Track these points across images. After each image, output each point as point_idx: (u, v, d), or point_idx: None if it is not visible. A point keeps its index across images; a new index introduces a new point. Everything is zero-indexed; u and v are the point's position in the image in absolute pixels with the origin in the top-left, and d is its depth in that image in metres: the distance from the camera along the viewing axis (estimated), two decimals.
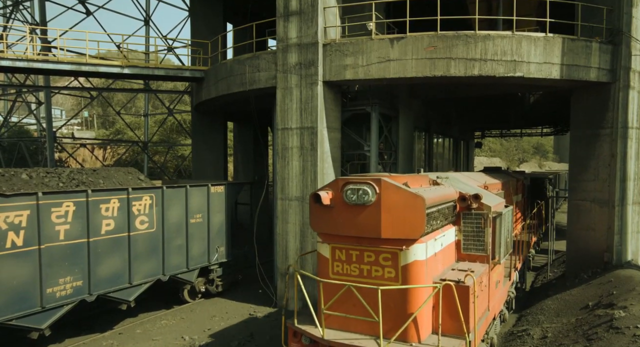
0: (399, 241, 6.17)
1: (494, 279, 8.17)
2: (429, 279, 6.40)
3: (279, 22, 12.96)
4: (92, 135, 42.75)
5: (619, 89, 12.71)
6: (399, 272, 6.22)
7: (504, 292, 9.74)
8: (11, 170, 10.14)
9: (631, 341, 7.88)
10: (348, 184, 6.34)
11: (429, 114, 22.37)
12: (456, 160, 30.97)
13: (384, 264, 6.31)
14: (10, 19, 27.15)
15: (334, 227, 6.56)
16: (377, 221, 6.19)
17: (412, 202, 6.04)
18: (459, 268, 7.08)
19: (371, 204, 6.20)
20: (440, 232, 6.89)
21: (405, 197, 6.08)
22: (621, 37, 12.54)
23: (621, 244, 13.19)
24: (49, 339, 10.16)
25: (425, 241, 6.28)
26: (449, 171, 10.64)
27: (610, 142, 13.01)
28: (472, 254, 7.51)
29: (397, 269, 6.22)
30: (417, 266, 6.18)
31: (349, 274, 6.56)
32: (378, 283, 6.21)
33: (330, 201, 6.50)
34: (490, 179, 11.23)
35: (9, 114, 28.91)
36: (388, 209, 6.12)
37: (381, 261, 6.32)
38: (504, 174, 13.91)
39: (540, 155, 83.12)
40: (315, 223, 6.81)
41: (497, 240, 7.44)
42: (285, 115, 13.01)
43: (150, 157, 32.77)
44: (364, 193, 6.20)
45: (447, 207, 7.08)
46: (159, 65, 18.76)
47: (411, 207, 6.04)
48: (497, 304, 8.85)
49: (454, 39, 11.73)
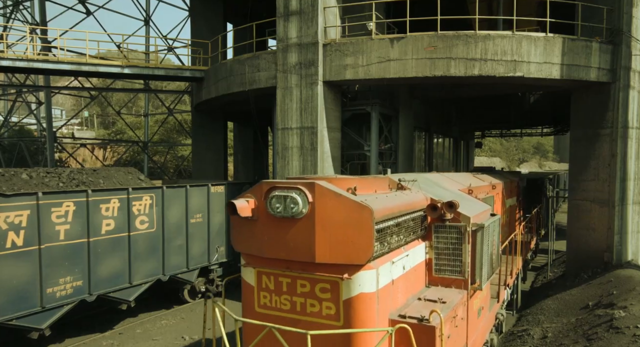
0: (339, 268, 4.66)
1: (475, 308, 6.66)
2: (381, 317, 4.91)
3: (279, 22, 12.96)
4: (92, 135, 42.77)
5: (619, 89, 12.71)
6: (340, 309, 4.71)
7: (490, 319, 8.15)
8: (11, 170, 10.15)
9: (631, 341, 7.88)
10: (273, 190, 4.85)
11: (429, 114, 22.36)
12: (456, 161, 30.96)
13: (321, 297, 4.80)
14: (10, 19, 27.16)
15: (259, 247, 5.05)
16: (310, 240, 4.68)
17: (356, 215, 4.55)
18: (427, 297, 5.60)
19: (302, 216, 4.70)
20: (402, 251, 5.42)
21: (348, 208, 4.58)
22: (621, 37, 12.54)
23: (621, 244, 13.19)
24: (49, 339, 10.16)
25: (377, 265, 4.80)
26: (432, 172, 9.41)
27: (611, 142, 13.01)
28: (447, 277, 6.04)
29: (338, 305, 4.72)
30: (364, 301, 4.69)
31: (278, 308, 5.05)
32: (313, 322, 4.83)
33: (252, 211, 5.00)
34: (476, 181, 9.98)
35: (9, 114, 28.92)
36: (324, 224, 4.64)
37: (318, 293, 4.80)
38: (495, 175, 12.78)
39: (541, 155, 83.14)
40: (236, 240, 5.29)
41: (479, 259, 6.02)
42: (285, 115, 13.00)
43: (151, 157, 32.78)
44: (292, 202, 4.70)
45: (414, 219, 5.70)
46: (159, 65, 18.77)
47: (355, 222, 4.55)
48: (480, 337, 7.27)
49: (454, 38, 11.73)
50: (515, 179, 14.32)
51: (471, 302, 6.32)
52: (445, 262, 6.03)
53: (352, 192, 4.88)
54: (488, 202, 9.09)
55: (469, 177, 10.05)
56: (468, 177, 10.15)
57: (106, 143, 37.65)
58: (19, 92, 28.57)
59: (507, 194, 12.38)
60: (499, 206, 10.90)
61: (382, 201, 5.06)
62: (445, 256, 6.02)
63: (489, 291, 7.95)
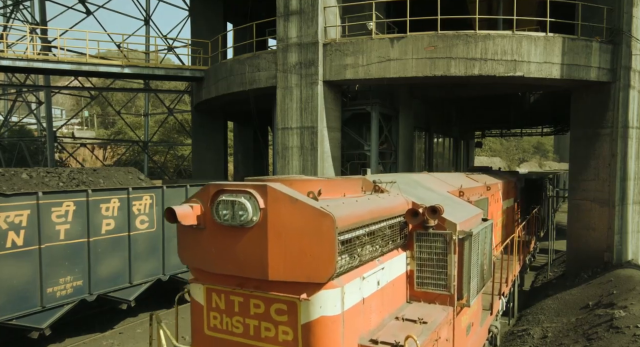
0: (296, 286, 3.96)
1: (463, 325, 5.98)
2: (349, 342, 4.23)
3: (279, 22, 12.96)
4: (92, 135, 42.77)
5: (619, 89, 12.71)
6: (299, 334, 4.04)
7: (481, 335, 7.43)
8: (11, 170, 10.15)
9: (631, 341, 7.88)
10: (220, 194, 4.16)
11: (429, 114, 22.37)
12: (456, 160, 30.97)
13: (277, 320, 4.12)
14: (10, 19, 27.16)
15: (207, 261, 4.38)
16: (262, 254, 4.02)
17: (315, 224, 3.85)
18: (405, 317, 4.93)
19: (253, 225, 4.03)
20: (376, 264, 4.74)
21: (306, 215, 3.88)
22: (621, 37, 12.54)
23: (621, 243, 13.19)
24: (49, 339, 10.16)
25: (343, 283, 4.09)
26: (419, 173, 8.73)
27: (611, 141, 13.01)
28: (430, 291, 5.36)
29: (296, 329, 4.05)
30: (326, 325, 4.00)
31: (230, 332, 4.39)
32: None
33: (198, 219, 4.30)
34: (469, 182, 9.24)
35: (9, 113, 28.93)
36: (279, 234, 3.97)
37: (273, 315, 4.14)
38: (491, 175, 12.18)
39: (541, 155, 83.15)
40: (182, 252, 4.58)
41: (467, 271, 5.34)
42: (286, 115, 13.01)
43: (151, 157, 32.78)
44: (240, 208, 4.02)
45: (391, 226, 5.06)
46: (159, 65, 18.77)
47: (314, 232, 3.86)
48: None
49: (454, 38, 11.73)
50: (513, 179, 13.80)
51: (458, 319, 5.62)
52: (429, 275, 5.36)
53: (314, 196, 4.17)
54: (482, 205, 8.61)
55: (461, 178, 9.36)
56: (460, 177, 9.48)
57: (106, 143, 37.66)
58: (19, 92, 28.58)
59: (504, 195, 11.82)
60: (494, 208, 10.41)
61: (349, 207, 4.34)
62: (429, 267, 5.35)
63: (480, 304, 7.24)
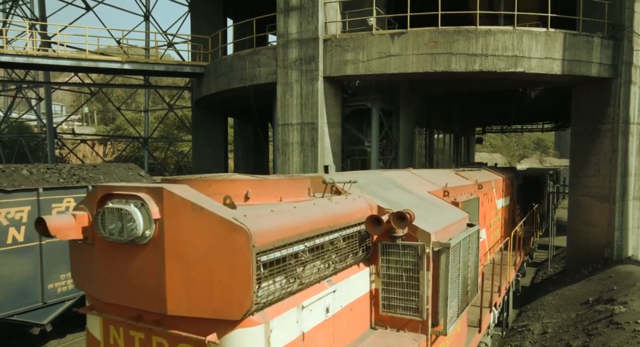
0: (205, 323, 2.98)
1: None
2: None
3: (279, 18, 12.92)
4: (92, 131, 42.75)
5: (621, 85, 12.67)
6: None
7: None
8: (12, 166, 10.13)
9: (631, 337, 7.90)
10: (107, 199, 3.21)
11: (429, 110, 22.33)
12: (457, 156, 30.95)
13: None
14: (9, 15, 27.09)
15: (98, 285, 3.39)
16: (158, 280, 3.02)
17: (225, 242, 2.86)
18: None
19: (147, 242, 3.05)
20: (324, 287, 3.74)
21: (214, 229, 2.88)
22: (623, 32, 12.49)
23: (622, 239, 13.19)
24: (51, 335, 10.18)
25: (269, 317, 3.08)
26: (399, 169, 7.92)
27: (612, 137, 12.98)
28: (398, 316, 4.38)
29: None
30: None
31: None
32: None
33: (84, 231, 3.32)
34: (458, 180, 8.31)
35: (9, 110, 28.91)
36: (179, 254, 2.98)
37: None
38: (485, 172, 11.30)
39: (541, 151, 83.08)
40: (75, 273, 3.61)
41: (443, 292, 4.37)
42: (286, 111, 12.98)
43: (151, 153, 32.77)
44: (128, 219, 3.02)
45: (348, 237, 4.06)
46: (159, 61, 18.74)
47: (225, 252, 2.87)
48: None
49: (454, 34, 11.68)
50: (510, 175, 13.08)
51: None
52: (397, 296, 4.36)
53: (231, 202, 3.10)
54: (471, 206, 7.77)
55: (449, 176, 8.50)
56: (448, 175, 8.63)
57: (106, 139, 37.64)
58: (19, 88, 28.56)
59: (499, 194, 11.01)
60: (487, 208, 9.65)
61: (280, 216, 3.26)
62: (397, 287, 4.36)
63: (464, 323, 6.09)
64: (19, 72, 28.51)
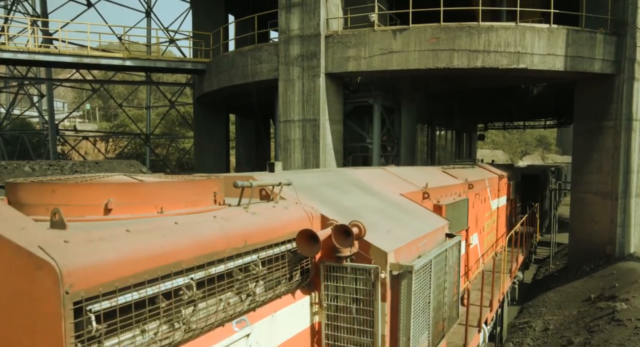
0: None
1: None
2: None
3: (281, 14, 12.89)
4: (94, 128, 42.79)
5: (623, 81, 12.62)
6: None
7: None
8: (14, 162, 10.17)
9: (633, 333, 7.90)
10: None
11: (431, 106, 22.28)
12: (458, 153, 30.90)
13: None
14: (11, 11, 27.08)
15: None
16: None
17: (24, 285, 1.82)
18: None
19: None
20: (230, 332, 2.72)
21: (7, 265, 1.84)
22: (626, 28, 12.43)
23: (624, 236, 13.17)
24: None
25: None
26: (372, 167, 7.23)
27: (614, 134, 12.94)
28: None
29: None
30: None
31: None
32: None
33: None
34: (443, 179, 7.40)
35: (11, 106, 28.95)
36: None
37: None
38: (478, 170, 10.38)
39: (543, 148, 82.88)
40: None
41: (404, 327, 3.44)
42: (287, 108, 12.97)
43: (153, 150, 32.81)
44: None
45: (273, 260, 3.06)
46: (161, 57, 18.73)
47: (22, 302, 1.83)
48: None
49: (457, 30, 11.64)
50: (506, 174, 12.17)
51: None
52: (345, 334, 3.36)
53: (59, 217, 2.08)
54: (458, 208, 6.94)
55: (433, 174, 7.62)
56: (433, 173, 7.75)
57: (108, 136, 37.68)
58: (21, 85, 28.58)
59: (494, 194, 10.13)
60: (479, 210, 8.86)
61: (132, 239, 2.17)
62: (345, 322, 3.36)
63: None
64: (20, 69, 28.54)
